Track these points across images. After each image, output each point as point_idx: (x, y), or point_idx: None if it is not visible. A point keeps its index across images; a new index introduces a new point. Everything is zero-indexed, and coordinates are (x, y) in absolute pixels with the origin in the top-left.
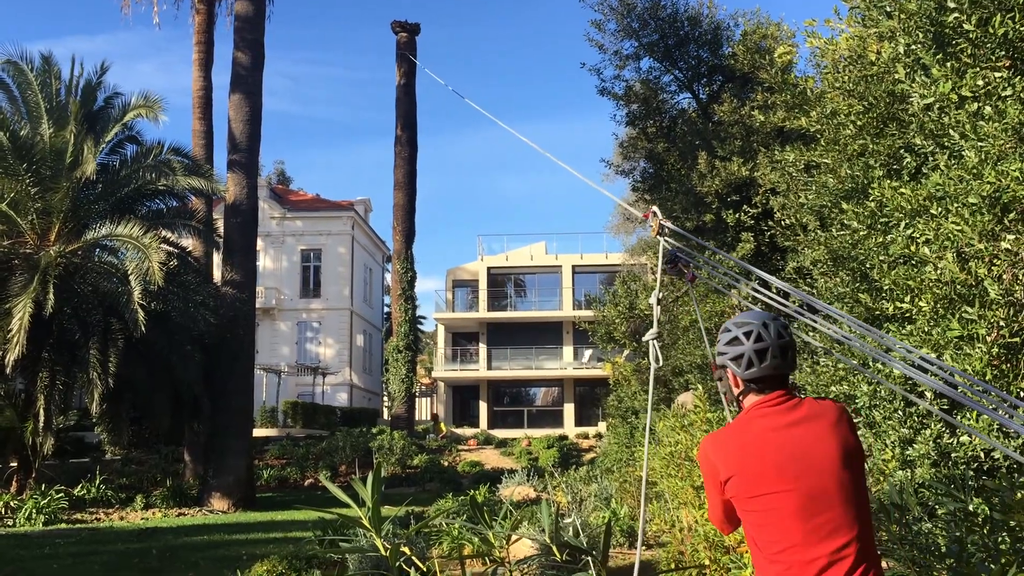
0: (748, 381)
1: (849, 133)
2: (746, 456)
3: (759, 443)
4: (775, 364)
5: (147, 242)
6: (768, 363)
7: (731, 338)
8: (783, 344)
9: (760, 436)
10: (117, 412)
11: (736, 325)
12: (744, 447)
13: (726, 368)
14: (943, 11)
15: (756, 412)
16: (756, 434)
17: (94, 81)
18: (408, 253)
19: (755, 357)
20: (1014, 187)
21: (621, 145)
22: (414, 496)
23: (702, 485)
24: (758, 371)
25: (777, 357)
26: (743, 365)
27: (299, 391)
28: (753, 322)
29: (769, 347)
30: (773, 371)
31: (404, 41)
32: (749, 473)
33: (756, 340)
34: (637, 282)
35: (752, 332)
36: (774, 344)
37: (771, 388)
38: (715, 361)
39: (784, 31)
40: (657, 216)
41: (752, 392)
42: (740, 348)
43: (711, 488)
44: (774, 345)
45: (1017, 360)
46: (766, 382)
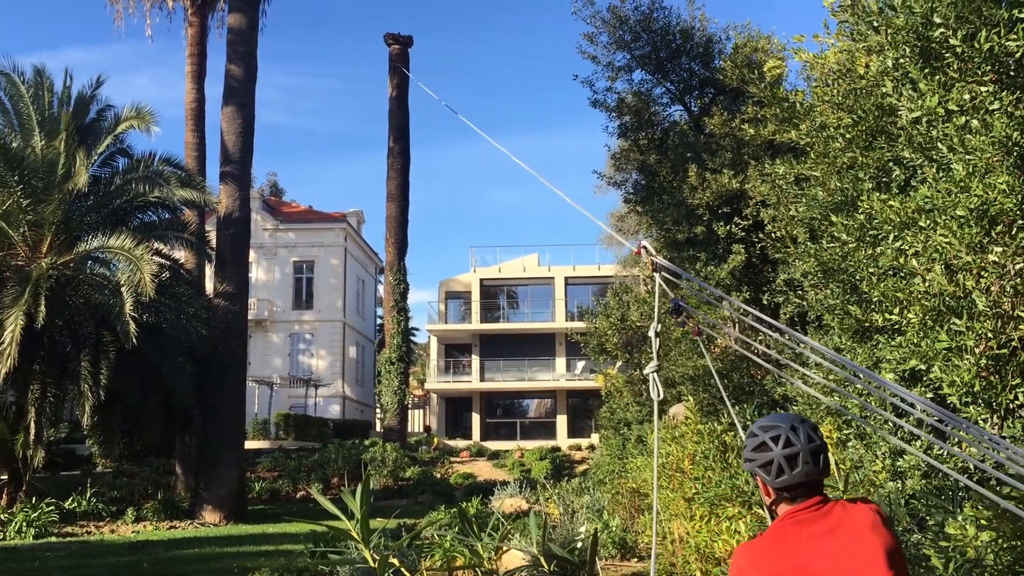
0: (780, 490)
1: (838, 146)
2: (783, 569)
3: (797, 554)
4: (807, 471)
5: (139, 254)
6: (800, 470)
7: (758, 443)
8: (814, 448)
9: (797, 546)
10: (108, 424)
11: (762, 429)
12: (780, 558)
13: (755, 476)
14: (929, 26)
15: (790, 520)
16: (792, 544)
17: (87, 94)
18: (401, 265)
19: (785, 464)
20: (1001, 200)
21: (613, 157)
22: (406, 508)
23: (694, 497)
24: (789, 479)
25: (809, 463)
26: (773, 473)
27: (291, 403)
28: (780, 425)
29: (800, 452)
30: (805, 478)
31: (397, 53)
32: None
33: (785, 445)
34: (629, 294)
35: (780, 437)
36: (805, 449)
37: (805, 496)
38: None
39: (775, 44)
40: (649, 252)
41: (784, 501)
42: (769, 455)
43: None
44: (805, 450)
45: (1005, 372)
46: (799, 490)
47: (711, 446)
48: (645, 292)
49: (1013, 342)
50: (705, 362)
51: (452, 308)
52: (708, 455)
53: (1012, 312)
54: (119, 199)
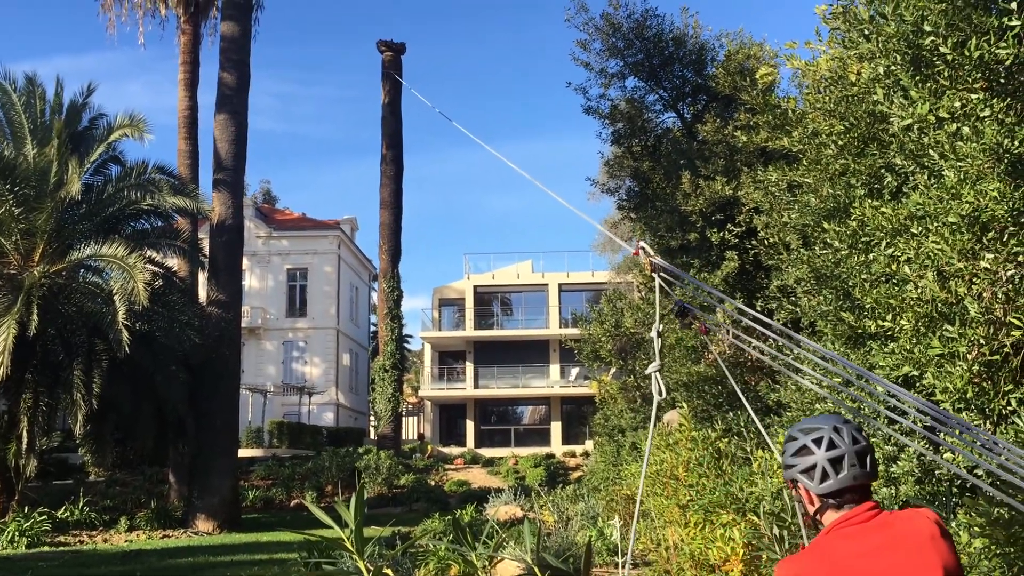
0: (825, 496)
1: (831, 153)
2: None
3: (849, 571)
4: (854, 474)
5: (132, 262)
6: (846, 473)
7: (798, 447)
8: (860, 450)
9: (848, 563)
10: (101, 433)
11: (803, 432)
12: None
13: (797, 483)
14: (920, 34)
15: (839, 533)
16: (843, 561)
17: (79, 102)
18: (394, 272)
19: (830, 468)
20: (992, 207)
21: (607, 163)
22: (401, 516)
23: (688, 503)
24: (835, 483)
25: (855, 465)
26: (817, 478)
27: (285, 411)
28: (823, 427)
29: (845, 454)
30: (852, 482)
31: (390, 60)
32: None
33: (829, 447)
34: (623, 300)
35: (823, 439)
36: (850, 451)
37: (853, 502)
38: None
39: (767, 52)
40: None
41: (830, 509)
42: (811, 458)
43: None
44: (850, 452)
45: (998, 378)
46: (845, 495)
47: (705, 453)
48: (639, 298)
49: (1005, 348)
50: (700, 368)
51: (446, 315)
52: (702, 462)
53: (1004, 318)
54: (112, 207)
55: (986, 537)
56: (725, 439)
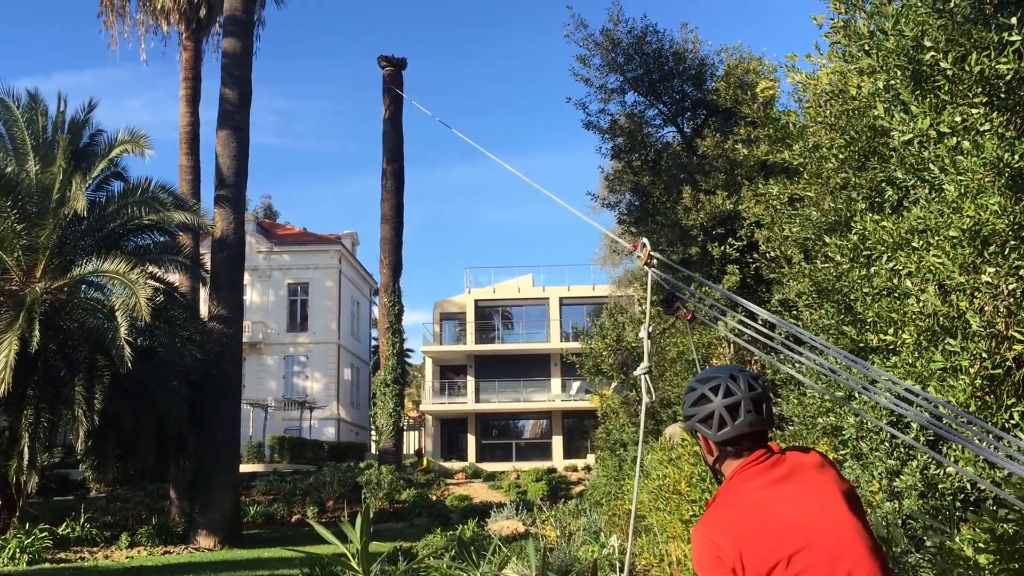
0: (722, 444)
1: (831, 166)
2: (751, 525)
3: (757, 507)
4: (750, 420)
5: (134, 278)
6: (742, 419)
7: (696, 397)
8: (756, 396)
9: (754, 499)
10: (102, 449)
11: (700, 381)
12: (745, 517)
13: (697, 434)
14: (920, 49)
15: (739, 476)
16: (749, 499)
17: (81, 118)
18: (395, 286)
19: (727, 415)
20: (993, 220)
21: (607, 178)
22: (402, 531)
23: (691, 519)
24: (732, 429)
25: (751, 411)
26: (714, 426)
27: (286, 426)
28: (719, 376)
29: (741, 401)
30: (749, 428)
31: (390, 75)
32: (763, 542)
33: (725, 395)
34: (624, 314)
35: (720, 386)
36: (746, 397)
37: (749, 449)
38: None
39: (766, 66)
40: (646, 247)
41: (729, 457)
42: (708, 407)
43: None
44: (746, 398)
45: (1000, 391)
46: (742, 443)
47: (708, 468)
48: (640, 312)
49: (1007, 362)
50: None
51: (447, 329)
52: (705, 477)
53: (1006, 332)
54: (113, 223)
55: (991, 553)
56: None
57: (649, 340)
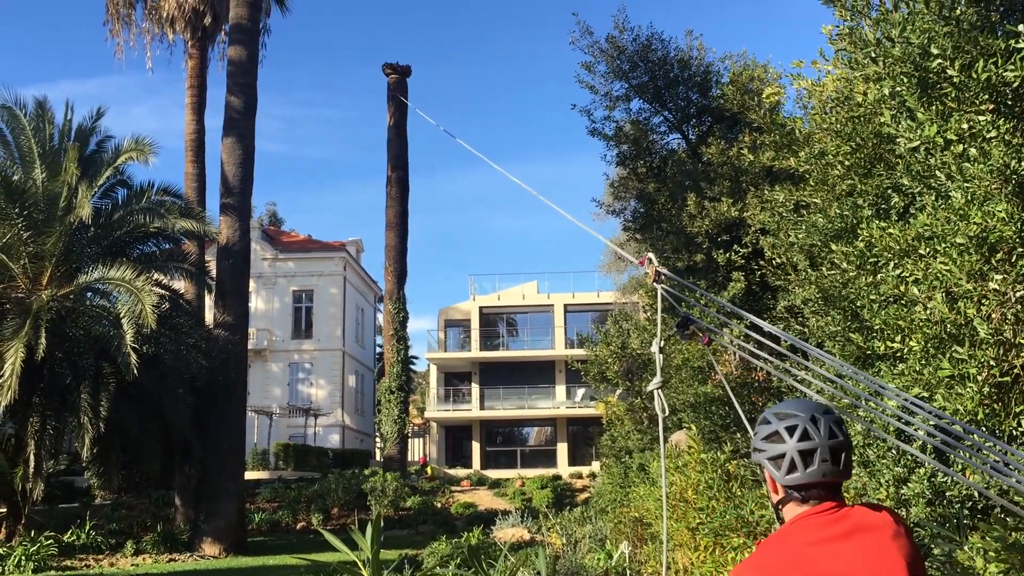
0: (789, 488)
1: (837, 173)
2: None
3: (805, 562)
4: (824, 470)
5: (140, 285)
6: (816, 468)
7: (770, 432)
8: (835, 445)
9: (804, 554)
10: (107, 456)
11: (777, 417)
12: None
13: (763, 469)
14: (927, 57)
15: (798, 525)
16: (799, 552)
17: (88, 125)
18: (400, 293)
19: (799, 460)
20: (1000, 227)
21: (612, 185)
22: (407, 539)
23: (697, 526)
24: (803, 477)
25: (827, 461)
26: (784, 468)
27: (291, 433)
28: (799, 415)
29: (817, 448)
30: (821, 478)
31: (395, 82)
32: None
33: (802, 438)
34: (629, 321)
35: (797, 428)
36: (824, 445)
37: (818, 499)
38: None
39: (771, 73)
40: (653, 263)
41: (794, 501)
42: (781, 447)
43: None
44: (823, 446)
45: (1008, 399)
46: (812, 491)
47: (714, 475)
48: (645, 319)
49: (1015, 369)
50: (707, 389)
51: (451, 336)
52: (712, 485)
53: (1014, 340)
54: (119, 230)
55: (1002, 562)
56: (734, 461)
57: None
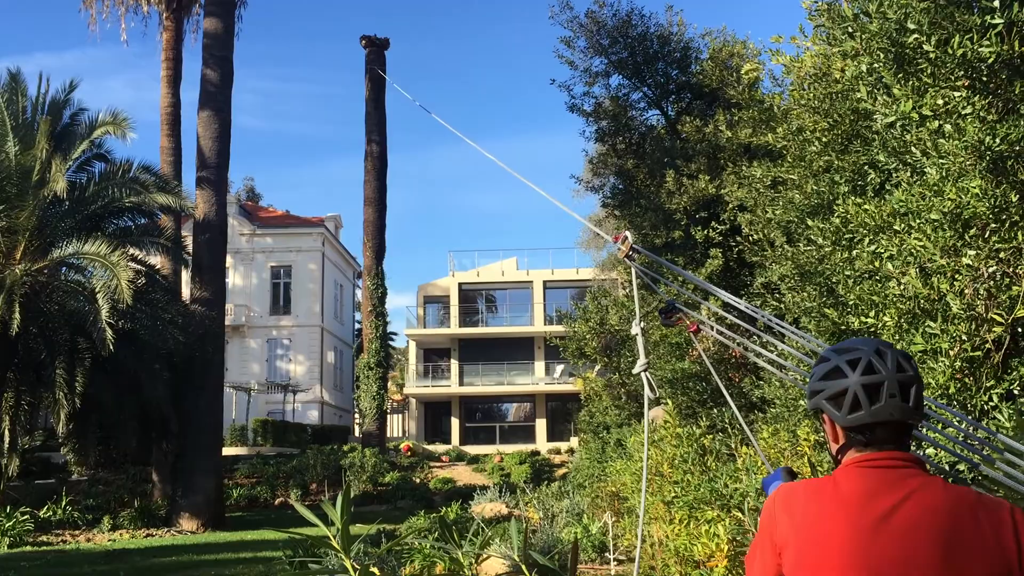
0: (851, 430)
1: (815, 149)
2: (812, 526)
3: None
4: (892, 407)
5: (115, 260)
6: (883, 404)
7: (829, 369)
8: (905, 379)
9: (842, 507)
10: (84, 432)
11: (837, 352)
12: (818, 518)
13: (823, 414)
14: (903, 32)
15: (849, 471)
16: (839, 499)
17: (61, 98)
18: (379, 269)
19: (863, 395)
20: (974, 203)
21: (591, 161)
22: (386, 514)
23: (673, 500)
24: (867, 415)
25: (895, 396)
26: (846, 406)
27: (269, 409)
28: (862, 348)
29: (884, 381)
30: (888, 416)
31: (373, 56)
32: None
33: (866, 371)
34: (608, 297)
35: (860, 360)
36: (891, 378)
37: (883, 443)
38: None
39: (751, 49)
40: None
41: (855, 447)
42: (843, 382)
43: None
44: (891, 379)
45: (979, 373)
46: (877, 432)
47: (690, 450)
48: (624, 295)
49: (987, 344)
50: (684, 365)
51: (431, 312)
52: (687, 459)
53: (986, 315)
54: (94, 204)
55: None
56: (710, 436)
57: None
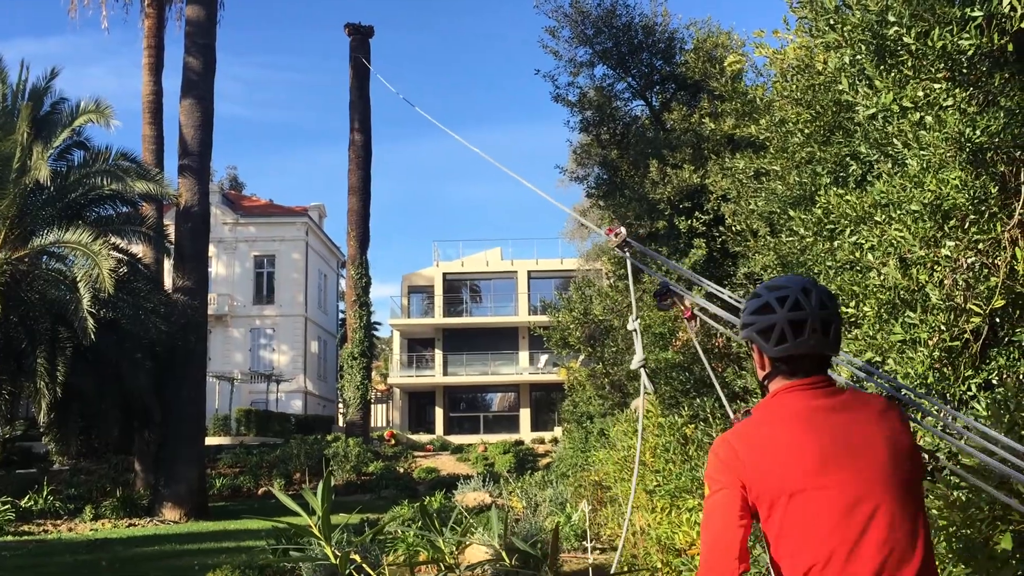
0: (778, 360)
1: (797, 141)
2: (777, 443)
3: (793, 427)
4: (815, 340)
5: (96, 249)
6: (805, 338)
7: (760, 304)
8: (826, 316)
9: (793, 419)
10: (65, 421)
11: (768, 289)
12: (774, 434)
13: (752, 344)
14: (884, 24)
15: (785, 395)
16: (788, 417)
17: (42, 86)
18: (363, 259)
19: (789, 329)
20: (953, 195)
21: (575, 152)
22: (369, 503)
23: (655, 489)
24: (792, 346)
25: (818, 331)
26: (773, 339)
27: (252, 399)
28: (790, 286)
29: (808, 317)
30: (811, 349)
31: (357, 44)
32: (781, 464)
33: (793, 308)
34: (592, 287)
35: (788, 298)
36: (815, 314)
37: (807, 372)
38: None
39: (735, 40)
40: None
41: (782, 375)
42: (772, 317)
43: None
44: (815, 315)
45: (958, 363)
46: (801, 363)
47: (672, 439)
48: (608, 286)
49: (965, 334)
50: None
51: (415, 302)
52: (669, 448)
53: (964, 305)
54: (75, 193)
55: (944, 519)
56: (692, 425)
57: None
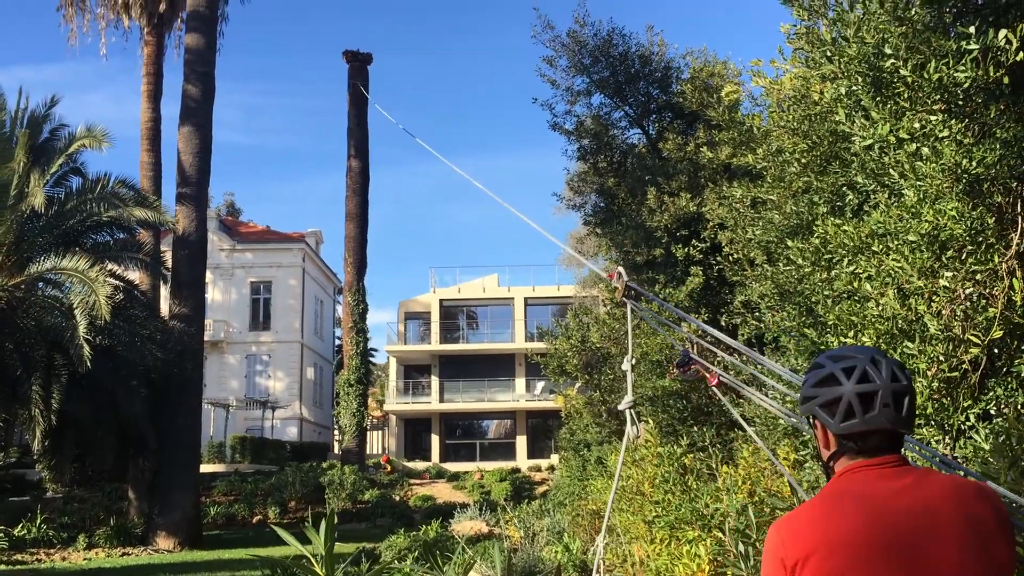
0: (844, 437)
1: (794, 170)
2: (833, 528)
3: (855, 513)
4: (886, 416)
5: (93, 275)
6: (876, 413)
7: (823, 376)
8: (898, 389)
9: (856, 504)
10: (60, 449)
11: (832, 359)
12: (831, 517)
13: (814, 420)
14: (881, 56)
15: (851, 476)
16: (850, 501)
17: (41, 113)
18: (360, 285)
19: (857, 403)
20: (951, 226)
21: (572, 180)
22: (365, 532)
23: (654, 519)
24: (861, 423)
25: (889, 406)
26: (840, 414)
27: (248, 425)
28: (857, 356)
29: (879, 390)
30: (882, 424)
31: (356, 71)
32: (838, 551)
33: (860, 380)
34: (589, 315)
35: (855, 368)
36: (886, 387)
37: (877, 451)
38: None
39: (731, 69)
40: (623, 277)
41: (848, 454)
42: (837, 390)
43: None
44: (886, 389)
45: (956, 394)
46: (870, 440)
47: (671, 469)
48: (605, 313)
49: (964, 365)
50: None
51: (411, 329)
52: (668, 478)
53: (963, 336)
54: (72, 219)
55: None
56: (690, 455)
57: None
